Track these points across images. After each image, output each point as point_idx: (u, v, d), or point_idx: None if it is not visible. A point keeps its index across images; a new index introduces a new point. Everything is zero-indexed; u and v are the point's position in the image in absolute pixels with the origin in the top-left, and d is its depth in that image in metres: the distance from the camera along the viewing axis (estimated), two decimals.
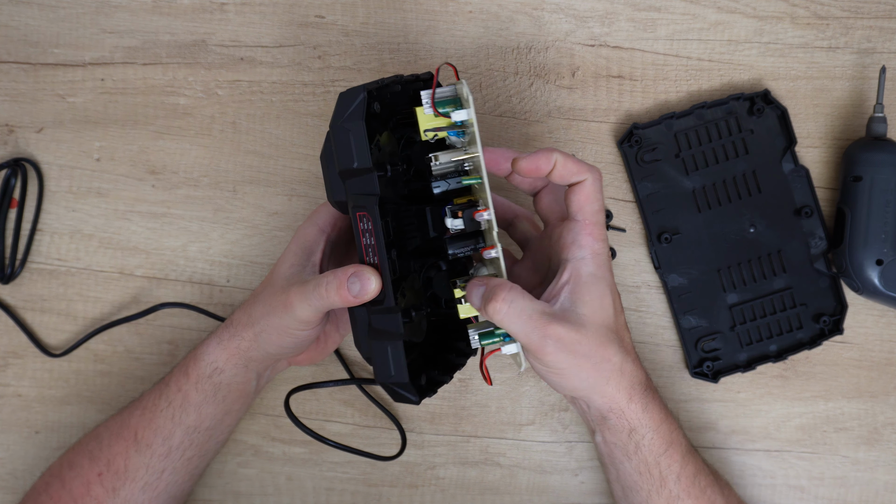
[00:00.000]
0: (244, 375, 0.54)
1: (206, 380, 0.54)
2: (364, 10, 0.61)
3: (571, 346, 0.46)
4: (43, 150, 0.61)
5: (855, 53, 0.61)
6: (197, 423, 0.54)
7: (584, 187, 0.48)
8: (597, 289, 0.47)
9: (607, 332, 0.48)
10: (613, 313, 0.48)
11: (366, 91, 0.46)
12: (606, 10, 0.61)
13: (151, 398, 0.55)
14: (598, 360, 0.47)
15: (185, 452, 0.54)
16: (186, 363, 0.55)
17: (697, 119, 0.60)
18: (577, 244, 0.48)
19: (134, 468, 0.53)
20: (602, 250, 0.48)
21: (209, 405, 0.54)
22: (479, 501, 0.62)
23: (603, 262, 0.48)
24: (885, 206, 0.58)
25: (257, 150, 0.61)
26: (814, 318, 0.61)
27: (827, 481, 0.63)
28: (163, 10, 0.61)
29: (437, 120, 0.47)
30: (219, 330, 0.55)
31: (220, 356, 0.53)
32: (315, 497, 0.62)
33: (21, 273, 0.61)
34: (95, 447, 0.55)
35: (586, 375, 0.48)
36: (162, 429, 0.54)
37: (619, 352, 0.48)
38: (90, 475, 0.54)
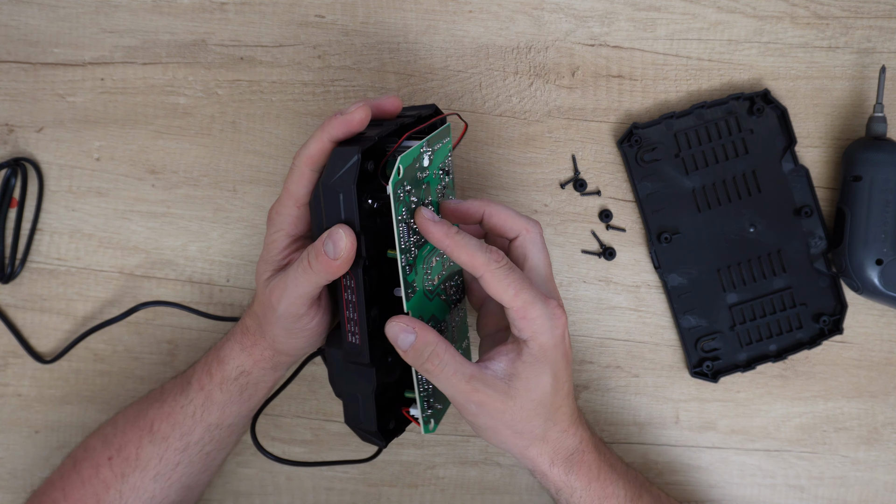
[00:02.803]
0: (273, 375, 0.54)
1: (232, 382, 0.53)
2: (364, 10, 0.61)
3: (493, 413, 0.46)
4: (43, 149, 0.61)
5: (855, 53, 0.61)
6: (219, 421, 0.54)
7: (522, 244, 0.48)
8: (535, 369, 0.46)
9: (536, 407, 0.47)
10: (551, 390, 0.47)
11: (360, 154, 0.43)
12: (606, 10, 0.61)
13: (172, 393, 0.54)
14: (520, 429, 0.47)
15: (204, 448, 0.54)
16: (209, 363, 0.54)
17: (697, 119, 0.60)
18: (526, 318, 0.45)
19: (146, 457, 0.53)
20: (553, 329, 0.46)
21: (234, 404, 0.54)
22: (478, 501, 0.62)
23: (548, 342, 0.46)
24: (885, 206, 0.58)
25: (257, 149, 0.61)
26: (814, 317, 0.61)
27: (827, 481, 0.63)
28: (163, 10, 0.61)
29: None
30: (238, 335, 0.53)
31: (247, 361, 0.53)
32: (315, 497, 0.62)
33: (21, 273, 0.61)
34: (110, 432, 0.55)
35: (504, 439, 0.48)
36: (181, 424, 0.53)
37: (546, 423, 0.48)
38: (101, 458, 0.54)
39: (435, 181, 0.49)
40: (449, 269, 0.52)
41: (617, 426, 0.62)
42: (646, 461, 0.63)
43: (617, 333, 0.62)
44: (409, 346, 0.45)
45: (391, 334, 0.45)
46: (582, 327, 0.62)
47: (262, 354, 0.52)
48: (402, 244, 0.45)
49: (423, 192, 0.47)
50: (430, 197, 0.48)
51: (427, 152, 0.47)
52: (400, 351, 0.45)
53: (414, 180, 0.46)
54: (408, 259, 0.46)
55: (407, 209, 0.45)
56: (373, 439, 0.51)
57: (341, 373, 0.49)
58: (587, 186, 0.62)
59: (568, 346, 0.48)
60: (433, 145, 0.48)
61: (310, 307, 0.48)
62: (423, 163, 0.47)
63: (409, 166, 0.45)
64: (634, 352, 0.62)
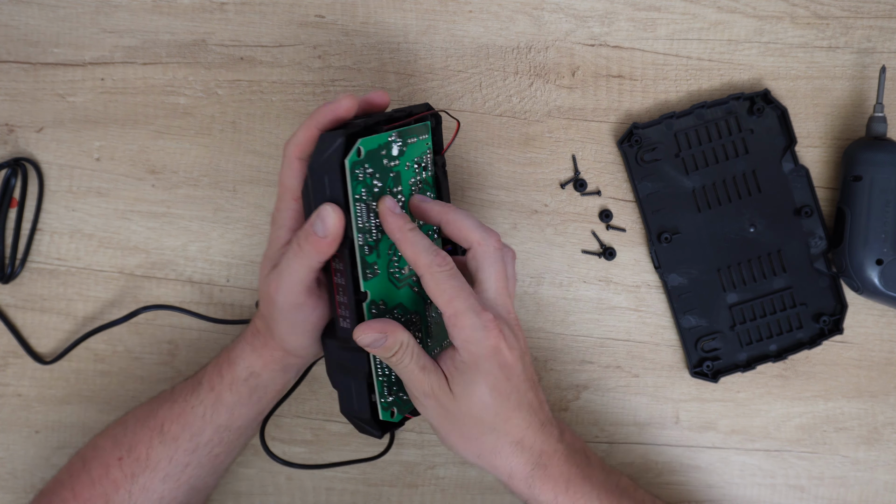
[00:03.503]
0: (283, 377, 0.54)
1: (241, 383, 0.53)
2: (364, 10, 0.61)
3: (441, 409, 0.47)
4: (43, 149, 0.61)
5: (855, 53, 0.61)
6: (229, 423, 0.54)
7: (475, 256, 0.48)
8: (467, 377, 0.47)
9: (477, 414, 0.47)
10: (491, 401, 0.47)
11: (344, 137, 0.44)
12: (606, 10, 0.61)
13: (183, 393, 0.54)
14: (466, 436, 0.48)
15: (213, 449, 0.54)
16: (220, 364, 0.54)
17: (697, 119, 0.60)
18: (457, 325, 0.46)
19: (156, 458, 0.53)
20: (483, 339, 0.46)
21: (243, 406, 0.54)
22: (479, 501, 0.62)
23: (477, 352, 0.46)
24: (885, 206, 0.58)
25: (257, 149, 0.61)
26: (814, 317, 0.61)
27: (827, 481, 0.63)
28: (163, 10, 0.61)
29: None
30: (248, 336, 0.53)
31: (256, 362, 0.53)
32: (315, 497, 0.62)
33: (21, 273, 0.61)
34: (120, 432, 0.55)
35: (455, 443, 0.49)
36: (191, 425, 0.53)
37: (492, 434, 0.48)
38: (111, 458, 0.54)
39: (407, 174, 0.49)
40: None
41: (617, 426, 0.62)
42: (646, 461, 0.63)
43: (617, 333, 0.62)
44: (381, 346, 0.46)
45: (362, 342, 0.46)
46: (582, 327, 0.62)
47: (272, 355, 0.52)
48: (358, 223, 0.46)
49: (391, 181, 0.48)
50: (399, 187, 0.49)
51: (397, 142, 0.48)
52: (373, 352, 0.46)
53: (381, 167, 0.47)
54: (367, 240, 0.46)
55: (368, 191, 0.46)
56: (367, 429, 0.50)
57: (336, 361, 0.50)
58: (587, 186, 0.62)
59: (508, 357, 0.47)
60: (406, 137, 0.49)
61: (308, 295, 0.48)
62: (392, 152, 0.48)
63: (373, 151, 0.46)
64: (634, 352, 0.62)
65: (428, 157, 0.51)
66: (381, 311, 0.48)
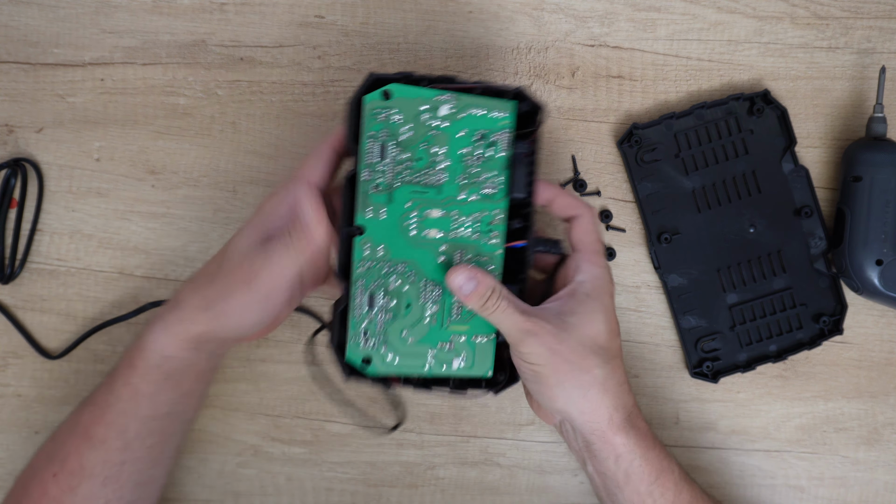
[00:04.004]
0: (196, 358, 0.52)
1: (154, 370, 0.51)
2: (364, 10, 0.61)
3: (551, 343, 0.47)
4: (43, 150, 0.61)
5: (855, 53, 0.61)
6: (153, 412, 0.52)
7: (581, 222, 0.52)
8: (589, 306, 0.49)
9: (592, 345, 0.48)
10: (605, 332, 0.49)
11: (372, 73, 0.47)
12: (606, 11, 0.61)
13: (101, 394, 0.52)
14: (577, 367, 0.48)
15: (145, 441, 0.52)
16: (131, 354, 0.52)
17: (697, 119, 0.60)
18: (579, 269, 0.51)
19: (90, 465, 0.51)
20: (602, 275, 0.51)
21: (163, 393, 0.52)
22: (478, 501, 0.62)
23: (601, 286, 0.50)
24: (885, 207, 0.58)
25: (257, 150, 0.61)
26: (814, 318, 0.61)
27: (827, 481, 0.63)
28: (163, 10, 0.61)
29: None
30: (163, 313, 0.51)
31: (169, 343, 0.50)
32: (315, 497, 0.62)
33: (21, 273, 0.61)
34: (52, 447, 0.53)
35: (563, 379, 0.48)
36: (114, 424, 0.51)
37: (605, 367, 0.49)
38: (46, 475, 0.52)
39: (458, 141, 0.49)
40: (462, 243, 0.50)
41: None
42: None
43: None
44: (471, 291, 0.47)
45: (453, 284, 0.48)
46: None
47: (188, 331, 0.50)
48: (367, 159, 0.48)
49: (430, 139, 0.48)
50: (443, 149, 0.48)
51: (448, 104, 0.48)
52: (462, 298, 0.48)
53: (417, 120, 0.48)
54: (376, 179, 0.48)
55: (391, 135, 0.48)
56: (341, 369, 0.50)
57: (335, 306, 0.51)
58: (587, 187, 0.62)
59: (613, 306, 0.51)
60: (467, 106, 0.48)
61: (291, 289, 0.49)
62: (440, 112, 0.48)
63: (409, 100, 0.48)
64: (634, 352, 0.62)
65: (502, 137, 0.49)
66: (380, 259, 0.49)
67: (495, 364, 0.51)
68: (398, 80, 0.48)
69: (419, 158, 0.48)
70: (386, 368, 0.50)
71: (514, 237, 0.51)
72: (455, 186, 0.49)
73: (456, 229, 0.49)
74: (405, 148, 0.48)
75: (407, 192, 0.49)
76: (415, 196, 0.49)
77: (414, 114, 0.48)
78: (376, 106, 0.47)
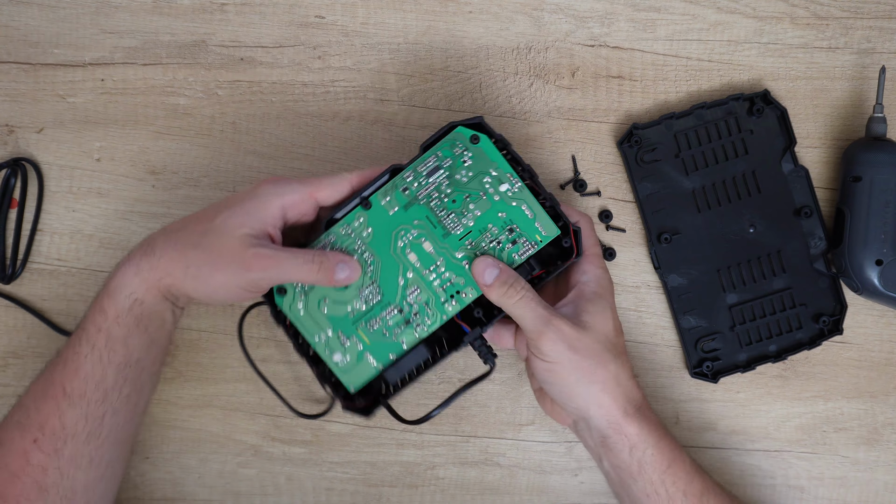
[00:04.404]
0: (163, 305, 0.52)
1: (126, 313, 0.51)
2: (364, 10, 0.61)
3: (570, 340, 0.49)
4: (43, 150, 0.61)
5: (855, 53, 0.61)
6: (126, 358, 0.51)
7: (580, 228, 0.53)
8: (598, 304, 0.51)
9: (605, 341, 0.51)
10: (613, 329, 0.52)
11: (479, 117, 0.52)
12: (606, 11, 0.61)
13: (71, 348, 0.51)
14: (595, 363, 0.50)
15: (122, 390, 0.52)
16: (101, 300, 0.51)
17: (697, 119, 0.60)
18: (583, 271, 0.53)
19: (72, 423, 0.50)
20: (604, 276, 0.53)
21: (134, 336, 0.51)
22: (479, 501, 0.62)
23: (605, 285, 0.53)
24: (885, 207, 0.58)
25: (257, 150, 0.61)
26: (813, 318, 0.61)
27: (827, 481, 0.63)
28: (163, 11, 0.61)
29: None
30: (134, 257, 0.51)
31: (140, 287, 0.50)
32: (315, 497, 0.62)
33: (21, 273, 0.61)
34: (23, 416, 0.51)
35: (581, 376, 0.50)
36: (92, 374, 0.51)
37: (616, 362, 0.51)
38: (25, 444, 0.50)
39: (492, 217, 0.52)
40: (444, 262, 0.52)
41: None
42: None
43: None
44: (494, 278, 0.50)
45: (476, 270, 0.50)
46: None
47: (160, 280, 0.50)
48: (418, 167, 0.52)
49: (476, 199, 0.51)
50: (479, 213, 0.52)
51: (512, 186, 0.51)
52: (483, 287, 0.50)
53: (478, 179, 0.52)
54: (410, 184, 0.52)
55: (450, 171, 0.52)
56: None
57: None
58: (587, 187, 0.62)
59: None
60: (524, 196, 0.52)
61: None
62: (501, 186, 0.51)
63: (485, 159, 0.51)
64: (634, 352, 0.62)
65: (526, 246, 0.52)
66: (359, 236, 0.52)
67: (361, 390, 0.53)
68: (494, 138, 0.51)
69: (454, 201, 0.51)
70: (292, 310, 0.52)
71: (467, 317, 0.53)
72: (459, 244, 0.52)
73: (430, 272, 0.52)
74: (451, 185, 0.51)
75: (424, 213, 0.51)
76: (426, 221, 0.51)
77: (481, 169, 0.51)
78: (460, 140, 0.51)
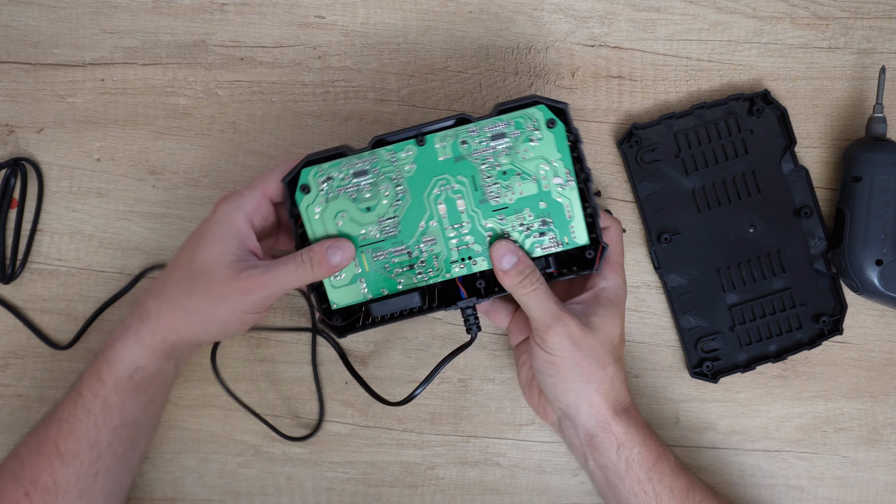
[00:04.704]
0: (167, 365, 0.53)
1: (126, 381, 0.52)
2: (364, 10, 0.61)
3: (576, 338, 0.50)
4: (43, 150, 0.61)
5: (855, 53, 0.61)
6: (122, 421, 0.52)
7: (609, 233, 0.54)
8: (610, 310, 0.52)
9: (609, 345, 0.52)
10: (619, 336, 0.53)
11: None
12: (606, 11, 0.61)
13: (67, 409, 0.52)
14: (595, 364, 0.51)
15: (117, 450, 0.53)
16: (98, 368, 0.52)
17: (697, 119, 0.60)
18: (603, 276, 0.54)
19: (64, 481, 0.52)
20: (622, 286, 0.54)
21: (131, 401, 0.52)
22: (479, 501, 0.62)
23: (621, 295, 0.54)
24: (885, 207, 0.58)
25: (257, 150, 0.61)
26: (813, 318, 0.61)
27: (827, 481, 0.63)
28: (163, 11, 0.61)
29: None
30: (131, 325, 0.52)
31: (142, 354, 0.52)
32: (315, 497, 0.62)
33: (21, 273, 0.61)
34: (17, 467, 0.52)
35: (580, 373, 0.51)
36: (86, 437, 0.52)
37: (615, 366, 0.53)
38: (17, 496, 0.51)
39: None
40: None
41: None
42: None
43: None
44: (512, 266, 0.50)
45: (495, 254, 0.50)
46: None
47: (164, 340, 0.51)
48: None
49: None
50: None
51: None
52: (500, 272, 0.50)
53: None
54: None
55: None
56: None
57: None
58: None
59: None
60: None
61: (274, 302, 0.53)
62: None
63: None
64: (634, 352, 0.62)
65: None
66: (400, 169, 0.52)
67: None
68: (571, 132, 0.51)
69: (505, 173, 0.51)
70: (308, 211, 0.52)
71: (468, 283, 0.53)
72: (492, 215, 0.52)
73: (452, 229, 0.52)
74: (509, 157, 0.51)
75: (471, 171, 0.51)
76: (470, 181, 0.51)
77: (544, 154, 0.51)
78: (537, 117, 0.51)
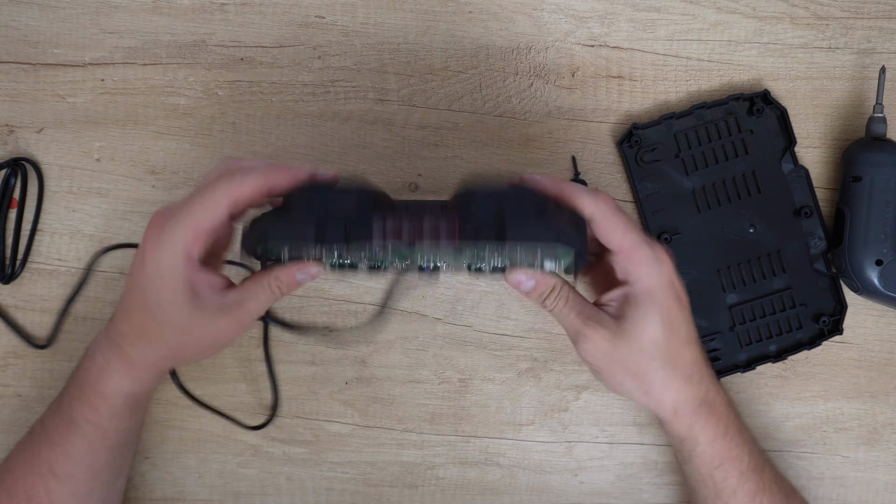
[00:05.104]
0: (157, 383, 0.54)
1: (121, 408, 0.51)
2: (364, 10, 0.61)
3: (603, 349, 0.48)
4: (43, 150, 0.61)
5: (855, 53, 0.61)
6: (118, 441, 0.53)
7: (602, 223, 0.47)
8: (641, 309, 0.48)
9: (649, 349, 0.48)
10: (663, 334, 0.48)
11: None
12: (606, 11, 0.61)
13: (58, 432, 0.52)
14: (633, 372, 0.49)
15: (113, 463, 0.54)
16: (90, 400, 0.51)
17: (697, 119, 0.60)
18: (623, 271, 0.48)
19: (59, 497, 0.51)
20: (648, 276, 0.47)
21: (127, 422, 0.53)
22: (479, 501, 0.62)
23: (650, 287, 0.47)
24: (885, 207, 0.58)
25: (257, 150, 0.61)
26: (813, 318, 0.61)
27: (827, 481, 0.63)
28: (163, 11, 0.61)
29: None
30: (116, 363, 0.50)
31: (132, 386, 0.51)
32: (315, 497, 0.62)
33: (21, 273, 0.61)
34: (11, 482, 0.52)
35: (622, 381, 0.49)
36: (83, 458, 0.52)
37: (663, 368, 0.49)
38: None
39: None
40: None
41: (617, 426, 0.62)
42: (646, 461, 0.63)
43: None
44: (531, 289, 0.47)
45: (512, 280, 0.47)
46: None
47: (154, 370, 0.51)
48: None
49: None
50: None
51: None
52: (522, 292, 0.48)
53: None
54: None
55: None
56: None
57: None
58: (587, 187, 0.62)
59: (680, 290, 0.48)
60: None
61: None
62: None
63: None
64: None
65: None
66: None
67: None
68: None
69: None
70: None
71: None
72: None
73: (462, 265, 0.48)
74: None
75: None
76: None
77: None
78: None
